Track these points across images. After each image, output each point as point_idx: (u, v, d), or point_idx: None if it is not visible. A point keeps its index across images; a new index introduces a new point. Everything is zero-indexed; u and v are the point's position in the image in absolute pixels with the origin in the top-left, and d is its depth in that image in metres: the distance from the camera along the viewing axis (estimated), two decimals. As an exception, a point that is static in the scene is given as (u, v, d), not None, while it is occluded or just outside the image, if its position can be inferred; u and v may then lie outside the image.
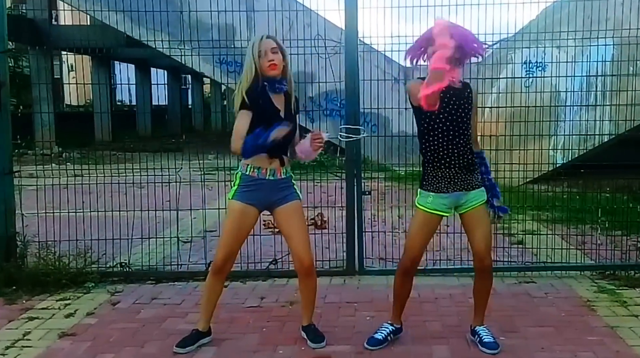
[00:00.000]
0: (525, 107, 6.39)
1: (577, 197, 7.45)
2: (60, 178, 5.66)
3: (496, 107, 6.82)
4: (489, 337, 3.77)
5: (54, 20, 21.71)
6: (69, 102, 33.65)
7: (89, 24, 21.17)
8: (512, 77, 8.48)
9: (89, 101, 29.09)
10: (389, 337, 3.83)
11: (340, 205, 5.64)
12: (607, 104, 7.74)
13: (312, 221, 7.13)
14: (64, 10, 20.28)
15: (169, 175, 5.41)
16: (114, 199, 5.65)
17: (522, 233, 6.54)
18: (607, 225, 6.40)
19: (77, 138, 16.12)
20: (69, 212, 5.58)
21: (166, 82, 28.60)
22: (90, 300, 4.80)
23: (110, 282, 5.18)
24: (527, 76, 9.13)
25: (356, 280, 5.25)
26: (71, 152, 13.00)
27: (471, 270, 5.29)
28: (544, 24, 6.50)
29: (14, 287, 4.94)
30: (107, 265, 5.38)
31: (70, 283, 5.02)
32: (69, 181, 5.75)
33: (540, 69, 9.19)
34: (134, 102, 28.28)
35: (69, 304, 4.69)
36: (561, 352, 3.71)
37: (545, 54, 8.73)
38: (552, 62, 8.21)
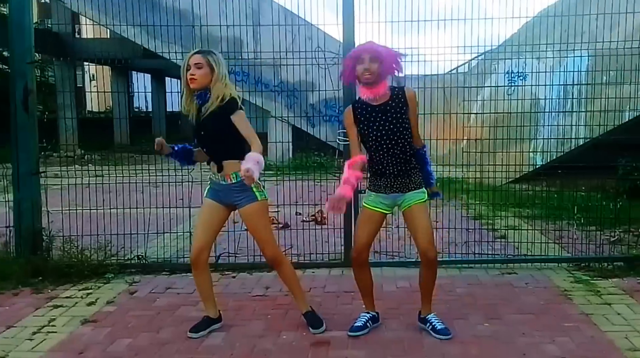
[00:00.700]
0: (507, 113, 6.39)
1: (555, 195, 7.47)
2: (82, 178, 5.66)
3: (481, 114, 6.82)
4: (440, 323, 3.74)
5: (76, 33, 21.70)
6: (91, 109, 33.57)
7: (108, 37, 21.20)
8: (495, 86, 8.49)
9: (109, 108, 29.05)
10: (368, 323, 3.84)
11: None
12: (583, 110, 7.74)
13: (313, 218, 7.14)
14: (86, 24, 20.21)
15: (182, 175, 5.41)
16: (132, 197, 5.64)
17: (505, 228, 6.54)
18: (582, 221, 6.41)
19: (98, 141, 16.08)
20: (90, 209, 5.58)
21: (179, 91, 28.46)
22: (109, 289, 4.81)
23: (128, 273, 5.19)
24: (510, 85, 9.12)
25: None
26: (92, 154, 13.00)
27: (458, 262, 5.35)
28: (524, 37, 6.49)
29: (40, 278, 4.96)
30: (126, 258, 5.38)
31: (91, 274, 5.04)
32: (91, 181, 5.78)
33: (521, 78, 9.19)
34: (150, 109, 28.23)
35: (91, 293, 4.70)
36: (540, 337, 3.71)
37: (526, 65, 8.73)
38: (532, 72, 8.22)
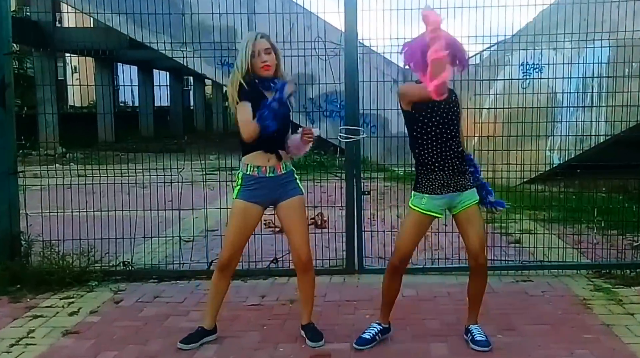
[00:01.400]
0: (522, 108, 6.39)
1: (574, 197, 7.46)
2: (64, 178, 5.66)
3: (494, 109, 6.81)
4: (481, 335, 3.76)
5: (57, 22, 21.73)
6: (73, 104, 33.70)
7: (92, 26, 21.22)
8: (509, 79, 8.50)
9: (92, 102, 29.15)
10: (377, 337, 3.82)
11: (340, 205, 5.64)
12: (603, 105, 7.75)
13: (312, 221, 7.12)
14: (68, 12, 20.26)
15: (171, 175, 5.41)
16: (117, 199, 5.65)
17: (519, 232, 6.53)
18: (603, 225, 6.39)
19: (80, 138, 16.08)
20: (72, 212, 5.58)
21: (168, 84, 28.60)
22: (93, 298, 4.80)
23: (113, 281, 5.18)
24: (524, 78, 9.13)
25: (355, 279, 5.25)
26: (75, 152, 12.99)
27: (469, 269, 5.33)
28: (540, 26, 6.50)
29: (18, 286, 4.95)
30: (110, 264, 5.37)
31: (73, 281, 5.02)
32: (73, 181, 5.75)
33: (537, 70, 9.20)
34: (137, 104, 28.29)
35: (73, 302, 4.69)
36: (557, 350, 3.70)
37: (542, 56, 8.74)
38: (548, 64, 8.22)
